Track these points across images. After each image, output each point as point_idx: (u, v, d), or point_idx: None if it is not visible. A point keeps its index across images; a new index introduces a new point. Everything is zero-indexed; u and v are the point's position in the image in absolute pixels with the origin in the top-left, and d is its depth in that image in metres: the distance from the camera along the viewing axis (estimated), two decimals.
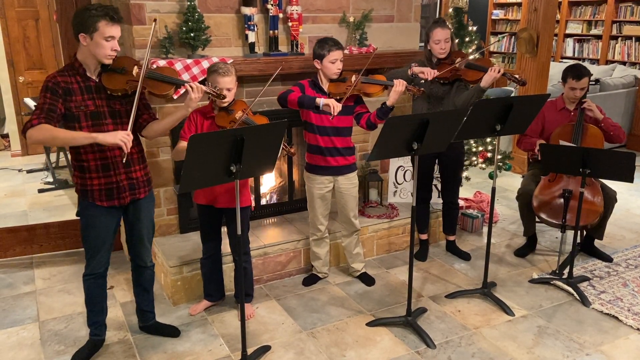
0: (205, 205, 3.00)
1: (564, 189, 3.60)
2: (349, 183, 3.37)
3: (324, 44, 3.10)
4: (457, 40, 4.74)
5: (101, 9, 2.38)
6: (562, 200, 3.62)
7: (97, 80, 2.51)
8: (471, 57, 3.88)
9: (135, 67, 2.53)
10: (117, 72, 2.50)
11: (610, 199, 3.71)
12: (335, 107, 2.94)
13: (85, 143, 2.42)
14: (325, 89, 3.19)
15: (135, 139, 2.65)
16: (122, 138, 2.38)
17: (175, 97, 2.89)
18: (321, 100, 2.99)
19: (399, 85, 3.04)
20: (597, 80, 3.89)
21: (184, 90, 2.58)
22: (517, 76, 3.35)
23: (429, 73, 3.34)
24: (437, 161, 3.85)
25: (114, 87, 2.49)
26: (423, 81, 3.43)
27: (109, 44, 2.42)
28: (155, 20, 2.68)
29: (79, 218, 2.70)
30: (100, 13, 2.37)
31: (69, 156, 2.63)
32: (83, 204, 2.63)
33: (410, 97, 3.93)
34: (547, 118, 3.84)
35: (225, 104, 2.82)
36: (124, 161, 2.47)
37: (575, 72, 3.68)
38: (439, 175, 4.00)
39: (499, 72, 3.29)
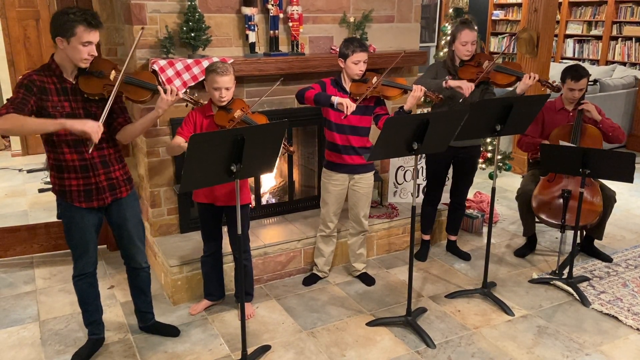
0: (206, 203, 3.01)
1: (563, 189, 3.60)
2: (365, 183, 3.38)
3: (350, 44, 3.11)
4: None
5: (80, 13, 2.33)
6: (561, 200, 3.62)
7: (73, 83, 2.47)
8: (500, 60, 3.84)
9: (113, 71, 2.49)
10: (94, 75, 2.46)
11: (609, 199, 3.72)
12: (349, 106, 2.94)
13: (53, 130, 2.36)
14: (347, 89, 3.20)
15: (111, 139, 2.62)
16: (91, 127, 2.34)
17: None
18: (336, 99, 3.01)
19: (418, 90, 3.04)
20: (595, 81, 3.90)
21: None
22: (552, 82, 3.32)
23: (466, 88, 3.26)
24: (452, 165, 3.82)
25: (91, 91, 2.45)
26: (461, 100, 3.35)
27: (86, 49, 2.37)
28: (142, 28, 2.69)
29: (61, 220, 2.65)
30: (78, 18, 2.32)
31: (46, 156, 2.58)
32: (63, 205, 2.59)
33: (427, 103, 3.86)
34: (546, 119, 3.85)
35: (224, 104, 2.82)
36: (89, 152, 2.42)
37: (573, 73, 3.68)
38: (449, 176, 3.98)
39: (535, 79, 3.26)
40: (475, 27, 3.51)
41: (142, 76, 2.59)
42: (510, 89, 3.47)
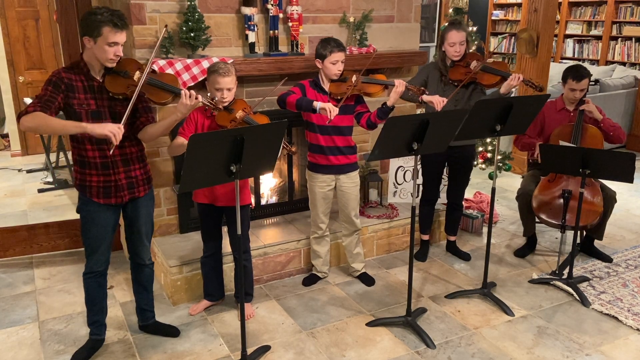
0: (206, 204, 3.00)
1: (563, 190, 3.60)
2: (351, 182, 3.38)
3: (327, 45, 3.10)
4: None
5: (107, 14, 2.39)
6: (561, 200, 3.62)
7: (100, 81, 2.52)
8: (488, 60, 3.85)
9: (138, 71, 2.54)
10: (119, 75, 2.52)
11: (609, 199, 3.71)
12: (332, 111, 2.94)
13: (74, 132, 2.42)
14: (327, 89, 3.19)
15: (134, 138, 2.67)
16: (111, 130, 2.37)
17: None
18: (318, 104, 3.00)
19: (400, 85, 3.05)
20: (596, 81, 3.89)
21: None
22: (535, 83, 3.34)
23: (437, 103, 3.22)
24: (446, 164, 3.84)
25: (115, 91, 2.50)
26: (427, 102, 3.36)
27: (112, 49, 2.43)
28: (166, 26, 2.74)
29: (78, 217, 2.70)
30: (105, 19, 2.37)
31: (71, 151, 2.63)
32: (82, 199, 2.65)
33: (420, 104, 3.86)
34: (546, 118, 3.85)
35: (226, 104, 2.82)
36: (110, 152, 2.46)
37: (575, 73, 3.68)
38: (444, 176, 3.99)
39: (519, 80, 3.28)
40: (465, 28, 3.52)
41: (164, 78, 2.62)
42: (498, 89, 3.46)
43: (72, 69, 2.50)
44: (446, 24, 3.60)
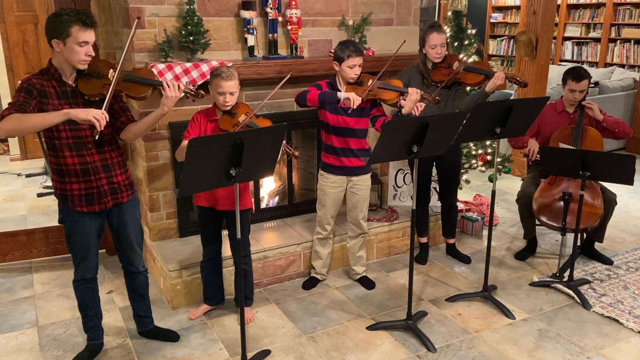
0: (206, 207, 2.99)
1: (564, 192, 3.59)
2: (363, 184, 3.38)
3: (345, 48, 3.11)
4: (456, 44, 4.74)
5: (74, 14, 2.33)
6: (562, 203, 3.61)
7: (73, 85, 2.46)
8: (470, 60, 3.87)
9: (111, 70, 2.48)
10: (93, 76, 2.46)
11: (610, 201, 3.71)
12: (355, 100, 2.97)
13: (57, 121, 2.31)
14: (343, 91, 3.20)
15: (114, 143, 2.62)
16: (95, 115, 2.30)
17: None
18: (342, 94, 3.02)
19: (414, 94, 3.04)
20: (596, 83, 3.89)
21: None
22: (518, 78, 3.36)
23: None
24: (434, 164, 3.85)
25: (91, 92, 2.44)
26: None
27: (83, 49, 2.37)
28: (139, 18, 2.65)
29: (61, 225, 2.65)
30: (72, 18, 2.32)
31: (48, 160, 2.58)
32: (64, 210, 2.59)
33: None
34: (546, 120, 3.84)
35: (228, 108, 2.81)
36: (96, 137, 2.39)
37: (575, 74, 3.68)
38: (437, 179, 4.00)
39: (502, 78, 3.31)
40: (445, 30, 3.54)
41: (140, 72, 2.58)
42: (483, 88, 3.47)
43: (43, 74, 2.43)
44: (445, 27, 3.63)
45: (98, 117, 2.30)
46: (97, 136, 2.38)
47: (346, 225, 3.60)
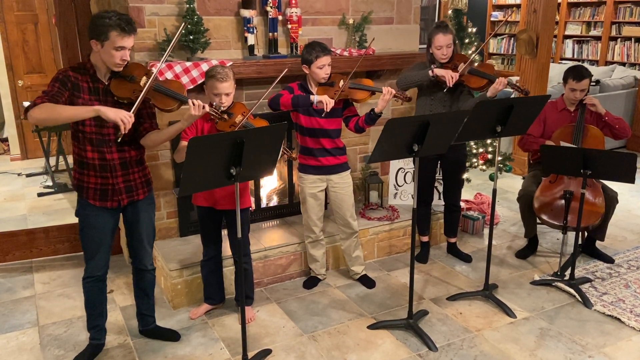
0: (206, 207, 2.99)
1: (565, 190, 3.59)
2: (343, 182, 3.37)
3: (312, 50, 3.10)
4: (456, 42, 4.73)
5: (116, 18, 2.38)
6: (563, 201, 3.61)
7: (106, 84, 2.52)
8: (475, 62, 3.84)
9: (144, 77, 2.53)
10: (126, 79, 2.51)
11: (611, 199, 3.70)
12: (329, 103, 2.97)
13: (87, 116, 2.38)
14: (314, 93, 3.19)
15: (134, 143, 2.66)
16: (123, 117, 2.36)
17: None
18: (315, 97, 3.02)
19: (387, 93, 3.06)
20: (597, 82, 3.88)
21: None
22: (520, 86, 3.36)
23: (449, 78, 3.30)
24: (439, 163, 3.84)
25: (121, 95, 2.50)
26: (445, 89, 3.40)
27: (119, 53, 2.42)
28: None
29: (77, 219, 2.69)
30: (113, 23, 2.37)
31: (72, 150, 2.64)
32: (80, 202, 2.64)
33: (413, 106, 3.90)
34: (548, 119, 3.84)
35: (224, 109, 2.81)
36: (118, 140, 2.45)
37: (576, 73, 3.68)
38: (440, 178, 4.00)
39: (504, 84, 3.31)
40: (451, 30, 3.53)
41: (171, 85, 2.61)
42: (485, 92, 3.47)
43: (79, 69, 2.50)
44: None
45: (125, 120, 2.36)
46: (119, 139, 2.44)
47: (335, 226, 3.60)
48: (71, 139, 2.59)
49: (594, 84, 3.94)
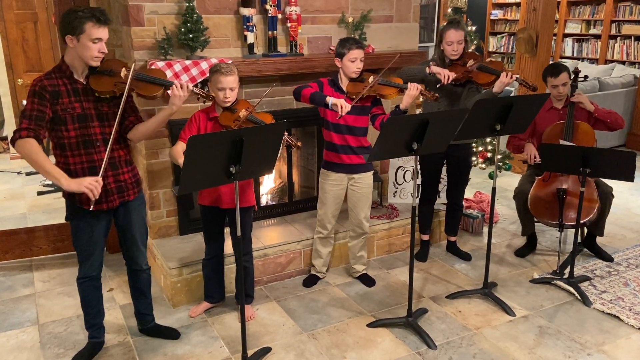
0: (210, 206, 2.99)
1: (558, 189, 3.60)
2: (364, 183, 3.38)
3: (345, 43, 3.14)
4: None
5: (88, 11, 2.36)
6: (557, 200, 3.61)
7: (84, 83, 2.48)
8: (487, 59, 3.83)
9: (124, 69, 2.51)
10: (104, 74, 2.48)
11: (606, 194, 3.70)
12: (344, 107, 2.96)
13: (53, 181, 2.39)
14: (344, 88, 3.20)
15: (122, 141, 2.63)
16: (87, 185, 2.35)
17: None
18: (330, 99, 3.02)
19: (413, 89, 3.03)
20: (585, 77, 3.85)
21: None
22: (529, 82, 3.34)
23: (445, 76, 3.31)
24: (444, 162, 3.83)
25: (102, 90, 2.46)
26: (438, 85, 3.40)
27: (96, 45, 2.39)
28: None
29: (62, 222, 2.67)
30: (87, 15, 2.34)
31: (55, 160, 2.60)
32: (71, 207, 2.60)
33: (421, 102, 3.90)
34: (537, 118, 3.83)
35: (228, 104, 2.81)
36: (91, 209, 2.43)
37: (552, 70, 3.71)
38: (444, 176, 3.98)
39: (511, 77, 3.27)
40: (463, 27, 3.53)
41: (153, 72, 2.61)
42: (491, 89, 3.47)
43: (54, 73, 2.45)
44: (445, 24, 3.62)
45: (92, 187, 2.35)
46: (91, 207, 2.41)
47: (347, 223, 3.60)
48: (53, 150, 2.53)
49: (582, 79, 3.93)
